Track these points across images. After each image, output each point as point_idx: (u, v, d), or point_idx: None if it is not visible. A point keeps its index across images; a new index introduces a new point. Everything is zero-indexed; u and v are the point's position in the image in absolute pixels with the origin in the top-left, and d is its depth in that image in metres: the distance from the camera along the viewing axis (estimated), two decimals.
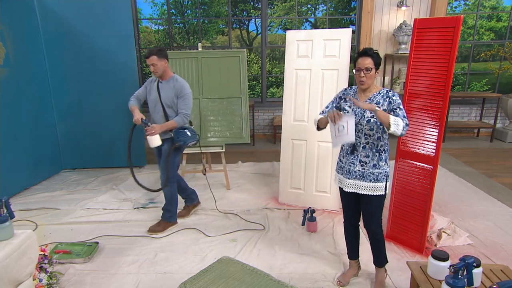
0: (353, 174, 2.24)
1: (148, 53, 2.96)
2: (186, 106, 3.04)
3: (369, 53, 2.15)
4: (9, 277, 1.88)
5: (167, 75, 3.08)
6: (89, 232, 3.21)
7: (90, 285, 2.48)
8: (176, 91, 3.04)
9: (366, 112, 2.17)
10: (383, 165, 2.21)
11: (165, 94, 3.06)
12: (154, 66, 2.97)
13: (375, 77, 2.19)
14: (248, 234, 3.13)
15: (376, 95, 2.21)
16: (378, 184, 2.20)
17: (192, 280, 1.87)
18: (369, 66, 2.13)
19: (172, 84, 3.06)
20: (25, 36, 4.04)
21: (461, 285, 1.53)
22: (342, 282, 2.45)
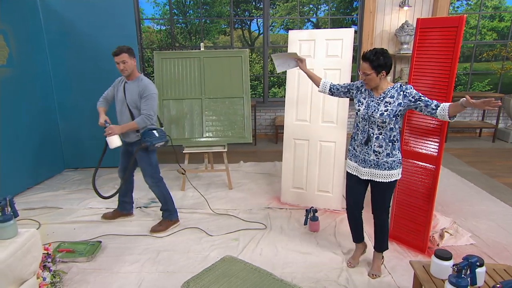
0: (368, 163, 2.34)
1: (118, 50, 2.89)
2: (148, 107, 2.96)
3: (367, 57, 2.19)
4: (14, 275, 1.89)
5: (134, 75, 3.03)
6: (92, 231, 3.22)
7: (93, 283, 2.49)
8: (140, 91, 2.98)
9: (381, 106, 2.24)
10: (396, 153, 2.30)
11: (130, 95, 3.03)
12: (124, 64, 2.92)
13: (380, 78, 2.22)
14: (250, 234, 3.13)
15: (390, 89, 2.27)
16: (393, 171, 2.31)
17: (195, 279, 1.88)
18: (366, 71, 2.20)
19: (137, 84, 3.01)
20: (28, 36, 4.05)
21: (464, 284, 1.53)
22: (352, 263, 2.63)
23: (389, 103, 2.23)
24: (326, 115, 3.41)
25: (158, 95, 3.07)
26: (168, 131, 4.09)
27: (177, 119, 4.09)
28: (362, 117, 2.33)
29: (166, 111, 4.08)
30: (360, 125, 2.36)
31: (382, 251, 2.54)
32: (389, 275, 2.55)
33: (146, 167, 3.12)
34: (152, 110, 2.98)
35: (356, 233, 2.63)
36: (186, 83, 4.09)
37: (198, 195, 3.97)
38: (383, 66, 2.18)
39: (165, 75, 4.08)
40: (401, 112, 2.24)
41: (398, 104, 2.21)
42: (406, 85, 2.25)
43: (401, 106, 2.21)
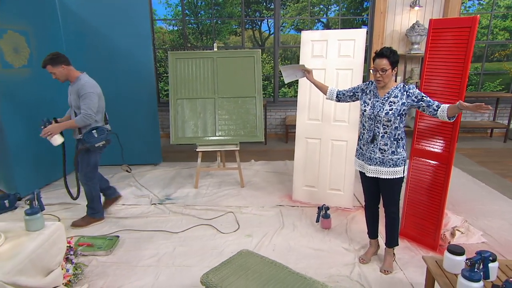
0: (374, 161, 2.42)
1: (42, 63, 2.98)
2: (86, 105, 3.00)
3: (385, 54, 2.26)
4: (42, 265, 1.99)
5: (72, 78, 3.08)
6: (109, 226, 3.31)
7: (112, 276, 2.58)
8: (77, 91, 3.03)
9: (385, 105, 2.33)
10: (401, 151, 2.38)
11: (71, 97, 3.10)
12: (54, 74, 3.00)
13: (392, 75, 2.32)
14: (263, 230, 3.20)
15: (394, 89, 2.35)
16: (397, 168, 2.38)
17: (214, 271, 1.95)
18: (385, 67, 2.26)
19: (76, 85, 3.06)
20: (47, 37, 4.17)
21: (477, 278, 1.57)
22: (364, 260, 2.69)
23: (394, 102, 2.32)
24: (338, 114, 3.46)
25: (97, 93, 3.12)
26: (181, 129, 4.18)
27: (190, 118, 4.17)
28: (368, 117, 2.42)
29: (180, 110, 4.16)
30: (366, 124, 2.45)
31: (393, 246, 2.61)
32: (401, 271, 2.59)
33: (83, 165, 3.20)
34: (90, 108, 3.01)
35: (372, 227, 2.72)
36: (199, 82, 4.18)
37: (211, 192, 4.06)
38: (397, 62, 2.32)
39: (179, 75, 4.16)
40: (405, 111, 2.33)
41: (402, 104, 2.30)
42: (409, 85, 2.33)
43: (405, 106, 2.30)
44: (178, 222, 3.36)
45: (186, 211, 3.58)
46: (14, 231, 2.08)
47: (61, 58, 3.00)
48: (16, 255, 1.84)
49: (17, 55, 3.70)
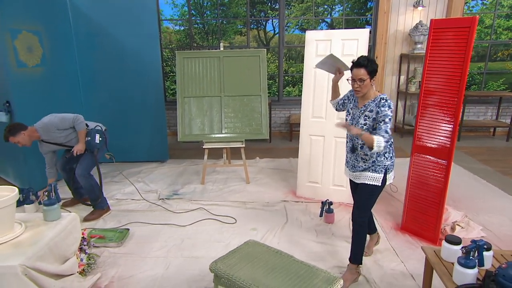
0: (358, 168, 2.41)
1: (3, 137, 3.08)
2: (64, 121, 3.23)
3: (362, 64, 2.18)
4: (59, 253, 2.10)
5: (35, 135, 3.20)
6: (118, 220, 3.42)
7: (124, 266, 2.69)
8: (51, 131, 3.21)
9: (361, 119, 2.29)
10: (382, 159, 2.31)
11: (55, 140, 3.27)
12: (19, 143, 3.12)
13: (371, 84, 2.24)
14: (268, 224, 3.29)
15: (370, 102, 2.27)
16: (376, 174, 2.33)
17: (222, 259, 2.05)
18: (363, 77, 2.19)
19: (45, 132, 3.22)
20: (59, 37, 4.29)
21: (472, 265, 1.66)
22: (367, 253, 2.73)
23: (368, 117, 2.26)
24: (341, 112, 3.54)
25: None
26: (188, 127, 4.29)
27: (197, 116, 4.28)
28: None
29: (187, 108, 4.27)
30: (348, 133, 2.41)
31: (354, 263, 2.45)
32: (401, 264, 2.67)
33: (90, 163, 3.38)
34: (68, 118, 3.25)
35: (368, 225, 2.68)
36: (206, 81, 4.28)
37: (217, 188, 4.16)
38: (375, 72, 2.22)
39: (186, 74, 4.27)
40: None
41: (373, 119, 2.23)
42: (385, 102, 2.19)
43: (374, 122, 2.24)
44: (185, 216, 3.46)
45: (193, 206, 3.68)
46: (33, 221, 2.19)
47: (17, 127, 3.11)
48: (36, 243, 1.95)
49: (31, 55, 3.82)
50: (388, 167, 2.34)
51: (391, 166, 2.37)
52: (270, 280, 1.85)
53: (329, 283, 1.84)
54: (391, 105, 2.21)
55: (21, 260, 1.79)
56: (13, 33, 3.58)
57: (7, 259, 1.79)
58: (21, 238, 2.00)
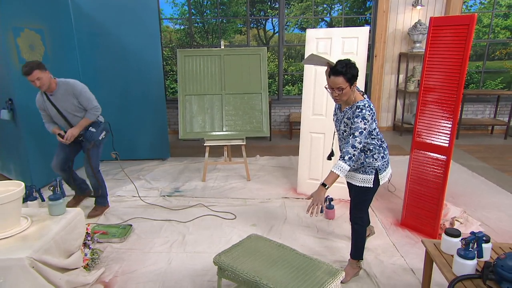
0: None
1: (28, 69, 2.78)
2: (89, 100, 3.08)
3: (340, 71, 2.06)
4: (65, 247, 2.12)
5: (52, 85, 3.00)
6: (120, 216, 3.45)
7: (127, 261, 2.71)
8: (71, 94, 3.01)
9: (342, 125, 2.27)
10: (371, 161, 2.27)
11: (64, 104, 3.04)
12: (40, 80, 2.85)
13: (352, 91, 2.14)
14: (269, 220, 3.33)
15: (348, 109, 2.21)
16: (366, 176, 2.30)
17: (226, 253, 2.08)
18: (341, 85, 2.08)
19: (63, 90, 3.00)
20: (60, 36, 4.31)
21: (471, 256, 1.69)
22: None
23: (346, 124, 2.22)
24: None
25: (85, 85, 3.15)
26: (189, 125, 4.32)
27: (198, 114, 4.31)
28: (336, 128, 2.39)
29: (188, 105, 4.30)
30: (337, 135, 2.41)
31: (355, 258, 2.48)
32: (401, 258, 2.71)
33: (94, 159, 3.31)
34: (94, 101, 3.12)
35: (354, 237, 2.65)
36: (207, 79, 4.31)
37: (218, 185, 4.19)
38: (355, 77, 2.10)
39: (188, 72, 4.30)
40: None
41: (350, 128, 2.18)
42: (359, 112, 2.10)
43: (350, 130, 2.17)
44: (187, 213, 3.49)
45: (194, 203, 3.71)
46: (38, 215, 2.22)
47: (43, 64, 2.92)
48: (42, 236, 1.98)
49: (33, 52, 3.84)
50: (379, 167, 2.29)
51: (383, 166, 2.32)
52: (273, 273, 1.89)
53: (331, 275, 1.87)
54: (366, 115, 2.09)
55: (29, 253, 1.81)
56: (16, 31, 3.60)
57: (15, 252, 1.81)
58: (28, 232, 2.02)
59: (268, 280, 1.81)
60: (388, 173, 2.42)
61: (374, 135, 2.28)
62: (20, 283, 1.78)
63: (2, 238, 1.92)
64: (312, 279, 1.84)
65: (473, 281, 1.68)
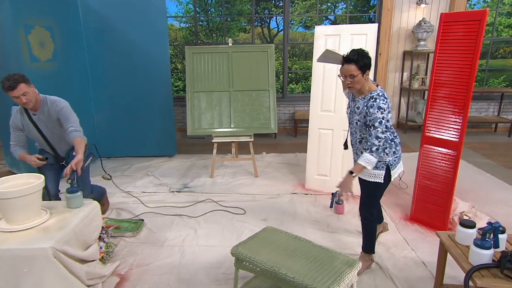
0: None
1: (12, 83, 2.37)
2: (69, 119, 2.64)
3: (352, 59, 2.11)
4: (83, 239, 2.15)
5: (38, 101, 2.60)
6: (131, 211, 3.47)
7: (141, 254, 2.74)
8: (53, 114, 2.63)
9: (355, 116, 2.27)
10: (382, 155, 2.26)
11: (50, 125, 2.66)
12: (26, 96, 2.44)
13: (365, 78, 2.18)
14: (278, 215, 3.35)
15: (360, 99, 2.23)
16: (377, 171, 2.30)
17: (243, 244, 2.10)
18: (353, 73, 2.12)
19: (48, 108, 2.62)
20: (69, 33, 4.33)
21: (488, 246, 1.72)
22: None
23: (358, 113, 2.22)
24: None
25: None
26: (198, 121, 4.34)
27: (206, 111, 4.34)
28: (348, 120, 2.40)
29: (196, 102, 4.32)
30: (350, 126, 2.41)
31: (366, 252, 2.51)
32: (412, 251, 2.74)
33: (88, 181, 2.99)
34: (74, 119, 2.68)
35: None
36: (215, 76, 4.34)
37: (226, 181, 4.22)
38: (368, 66, 2.14)
39: (196, 69, 4.32)
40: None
41: (364, 117, 2.18)
42: (374, 102, 2.12)
43: (365, 119, 2.18)
44: (197, 208, 3.52)
45: (204, 198, 3.74)
46: (56, 208, 2.24)
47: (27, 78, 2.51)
48: (63, 228, 2.01)
49: (43, 49, 3.86)
50: (391, 163, 2.30)
51: (394, 162, 2.32)
52: (291, 263, 1.91)
53: (348, 265, 1.90)
54: (381, 104, 2.10)
55: (51, 243, 1.84)
56: (27, 28, 3.62)
57: (38, 242, 1.84)
58: (48, 223, 2.05)
59: (287, 270, 1.84)
60: (400, 170, 2.44)
61: (387, 128, 2.26)
62: (43, 273, 1.81)
63: (25, 229, 1.95)
64: (330, 269, 1.87)
65: (490, 270, 1.71)
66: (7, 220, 1.98)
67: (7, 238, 1.89)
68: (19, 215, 1.96)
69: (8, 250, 1.80)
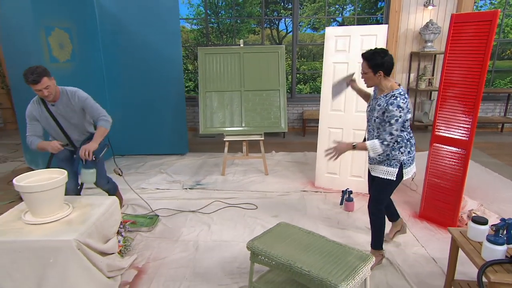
0: (373, 160, 2.43)
1: (36, 76, 2.38)
2: (97, 109, 2.70)
3: (365, 56, 2.20)
4: (103, 233, 2.18)
5: (58, 93, 2.60)
6: (146, 207, 3.50)
7: (157, 248, 2.77)
8: (76, 104, 2.64)
9: (374, 113, 2.28)
10: (396, 153, 2.29)
11: (67, 116, 2.64)
12: (48, 89, 2.45)
13: (379, 78, 2.21)
14: (289, 212, 3.36)
15: (382, 97, 2.25)
16: (390, 169, 2.32)
17: (258, 238, 2.11)
18: (364, 70, 2.22)
19: (66, 101, 2.62)
20: (86, 34, 4.38)
21: (501, 241, 1.71)
22: (386, 239, 2.73)
23: (378, 111, 2.24)
24: (359, 105, 3.60)
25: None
26: (210, 121, 4.37)
27: (218, 110, 4.36)
28: (367, 118, 2.41)
29: (208, 102, 4.35)
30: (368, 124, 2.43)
31: (374, 248, 2.51)
32: (422, 248, 2.73)
33: (103, 169, 2.98)
34: (101, 109, 2.72)
35: (387, 213, 2.69)
36: (227, 76, 4.35)
37: (237, 179, 4.23)
38: (380, 66, 2.16)
39: (208, 69, 4.35)
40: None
41: (382, 114, 2.20)
42: (394, 100, 2.13)
43: (384, 116, 2.19)
44: (210, 205, 3.54)
45: (216, 195, 3.76)
46: (77, 203, 2.28)
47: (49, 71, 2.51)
48: (85, 221, 2.04)
49: (62, 51, 3.92)
50: (405, 161, 2.31)
51: (408, 161, 2.33)
52: (305, 257, 1.92)
53: (362, 259, 1.90)
54: (401, 103, 2.11)
55: (75, 235, 1.87)
56: (47, 30, 3.68)
57: (62, 234, 1.87)
58: (71, 217, 2.08)
59: (302, 263, 1.85)
60: (412, 170, 2.42)
61: (405, 128, 2.29)
62: (68, 264, 1.84)
63: (50, 222, 1.98)
64: (344, 263, 1.87)
65: (503, 266, 1.70)
66: (33, 213, 2.02)
67: (33, 230, 1.93)
68: (44, 208, 2.00)
69: (34, 241, 1.84)
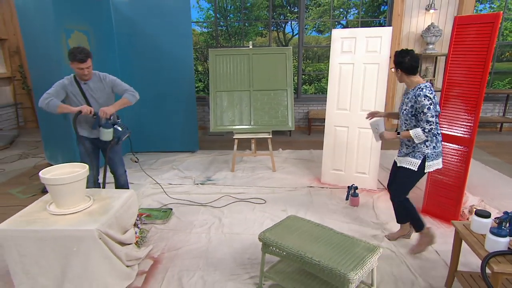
0: (401, 153, 2.52)
1: (83, 56, 2.55)
2: (126, 85, 2.84)
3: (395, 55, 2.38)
4: (122, 224, 2.21)
5: (91, 73, 2.77)
6: (159, 201, 3.54)
7: (172, 240, 2.80)
8: (106, 84, 2.80)
9: (404, 105, 2.39)
10: (421, 146, 2.36)
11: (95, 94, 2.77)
12: (89, 68, 2.64)
13: (398, 74, 2.38)
14: (297, 206, 3.37)
15: (410, 91, 2.37)
16: (413, 160, 2.39)
17: (269, 230, 2.13)
18: (391, 66, 2.46)
19: (97, 79, 2.78)
20: (103, 37, 4.43)
21: (504, 234, 1.71)
22: (389, 237, 2.75)
23: (407, 103, 2.35)
24: (365, 104, 3.60)
25: None
26: (220, 119, 4.39)
27: (228, 109, 4.38)
28: (399, 113, 2.49)
29: (219, 101, 4.37)
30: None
31: (417, 231, 2.55)
32: None
33: (120, 158, 3.04)
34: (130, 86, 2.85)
35: (396, 214, 2.65)
36: (236, 77, 4.37)
37: (246, 175, 4.25)
38: (398, 64, 2.33)
39: (218, 70, 4.37)
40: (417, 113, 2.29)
41: (411, 106, 2.31)
42: (420, 91, 2.25)
43: (412, 109, 2.30)
44: (220, 199, 3.56)
45: (226, 190, 3.78)
46: (97, 195, 2.31)
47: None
48: (105, 212, 2.07)
49: None
50: (428, 155, 2.34)
51: (432, 155, 2.35)
52: (315, 248, 1.93)
53: (370, 250, 1.91)
54: (427, 93, 2.23)
55: (97, 225, 1.90)
56: (68, 33, 3.72)
57: (85, 225, 1.91)
58: (92, 208, 2.12)
59: (312, 254, 1.86)
60: (436, 165, 2.39)
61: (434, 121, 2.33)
62: (90, 252, 1.87)
63: (73, 213, 2.02)
64: (352, 254, 1.88)
65: (505, 257, 1.70)
66: (57, 205, 2.06)
67: (58, 220, 1.96)
68: (67, 200, 2.03)
69: (59, 230, 1.87)
